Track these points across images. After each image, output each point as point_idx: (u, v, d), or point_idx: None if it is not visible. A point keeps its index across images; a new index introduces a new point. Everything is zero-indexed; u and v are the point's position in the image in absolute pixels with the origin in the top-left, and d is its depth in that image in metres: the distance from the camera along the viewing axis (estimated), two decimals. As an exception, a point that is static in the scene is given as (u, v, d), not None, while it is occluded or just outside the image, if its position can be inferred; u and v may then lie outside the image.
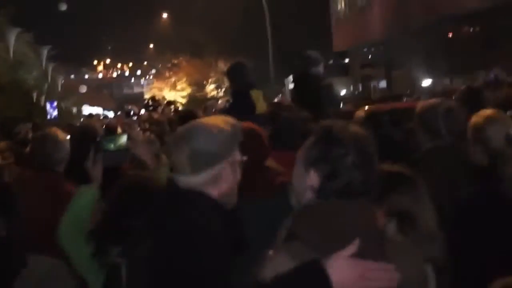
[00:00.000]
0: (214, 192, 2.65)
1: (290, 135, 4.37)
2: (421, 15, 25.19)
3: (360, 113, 11.77)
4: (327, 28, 35.21)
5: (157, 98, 42.04)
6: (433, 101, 4.77)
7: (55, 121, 10.33)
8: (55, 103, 8.05)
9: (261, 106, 6.78)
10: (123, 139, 3.21)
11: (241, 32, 48.49)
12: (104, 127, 11.61)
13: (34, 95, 24.34)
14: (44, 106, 23.24)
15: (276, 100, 32.08)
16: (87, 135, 6.85)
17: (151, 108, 24.40)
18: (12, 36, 21.72)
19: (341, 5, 33.66)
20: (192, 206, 2.57)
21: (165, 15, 72.92)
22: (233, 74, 7.21)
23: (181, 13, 62.93)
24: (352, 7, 31.51)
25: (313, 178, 2.35)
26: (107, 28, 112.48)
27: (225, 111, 7.09)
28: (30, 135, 17.75)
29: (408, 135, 6.48)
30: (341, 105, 12.49)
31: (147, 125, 15.33)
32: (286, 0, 42.89)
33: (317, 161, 2.36)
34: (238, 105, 6.76)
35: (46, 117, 21.92)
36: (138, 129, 8.12)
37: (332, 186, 2.33)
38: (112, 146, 3.20)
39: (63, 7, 41.60)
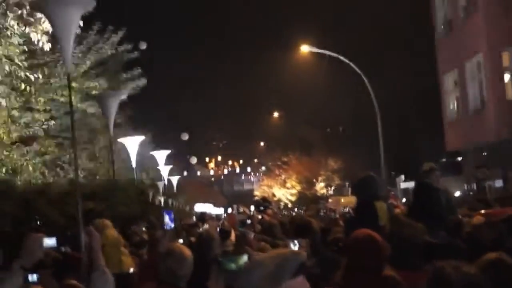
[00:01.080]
0: None
1: (409, 255, 4.33)
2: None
3: (477, 220, 11.51)
4: (440, 127, 34.76)
5: (268, 198, 42.65)
6: None
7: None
8: (172, 215, 8.39)
9: (382, 217, 6.79)
10: (244, 259, 3.30)
11: (350, 131, 48.84)
12: (218, 229, 11.87)
13: (150, 194, 25.19)
14: (159, 206, 23.96)
15: (389, 201, 31.91)
16: (207, 250, 7.08)
17: (262, 208, 24.72)
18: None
19: (453, 105, 33.27)
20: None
21: (276, 114, 74.60)
22: (361, 186, 7.26)
23: (292, 112, 64.32)
24: (464, 108, 31.08)
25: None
26: (219, 125, 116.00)
27: (349, 221, 7.08)
28: (145, 236, 18.42)
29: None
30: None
31: (259, 227, 15.60)
32: (397, 99, 43.07)
33: None
34: (361, 215, 6.78)
35: (162, 220, 22.52)
36: (252, 235, 8.22)
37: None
38: (233, 266, 3.28)
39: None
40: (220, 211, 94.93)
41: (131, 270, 8.18)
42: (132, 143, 8.48)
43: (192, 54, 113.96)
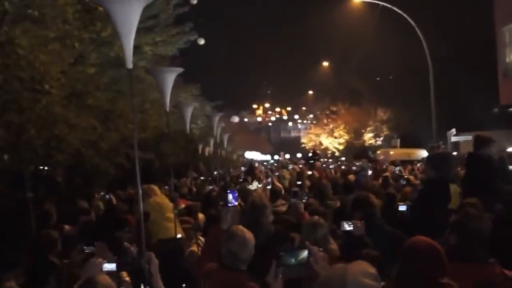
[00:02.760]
0: None
1: (479, 248, 4.19)
2: None
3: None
4: (495, 80, 34.00)
5: (316, 151, 42.60)
6: None
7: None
8: (236, 194, 8.41)
9: (454, 201, 6.61)
10: (304, 254, 3.28)
11: (402, 81, 48.08)
12: (269, 191, 11.86)
13: (200, 146, 25.40)
14: (209, 156, 24.15)
15: (436, 145, 31.44)
16: (259, 216, 7.08)
17: (311, 161, 24.83)
18: (181, 90, 22.97)
19: (509, 58, 32.44)
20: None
21: (325, 63, 73.84)
22: (439, 162, 7.00)
23: (342, 62, 63.65)
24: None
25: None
26: (267, 73, 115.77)
27: (419, 198, 6.85)
28: (194, 188, 18.65)
29: None
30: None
31: (307, 182, 15.63)
32: (450, 49, 42.13)
33: None
34: (434, 195, 6.52)
35: (211, 171, 22.71)
36: (302, 206, 8.13)
37: None
38: (293, 260, 3.27)
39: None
40: (267, 158, 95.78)
41: (179, 235, 8.26)
42: (168, 76, 8.40)
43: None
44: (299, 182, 12.39)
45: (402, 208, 6.98)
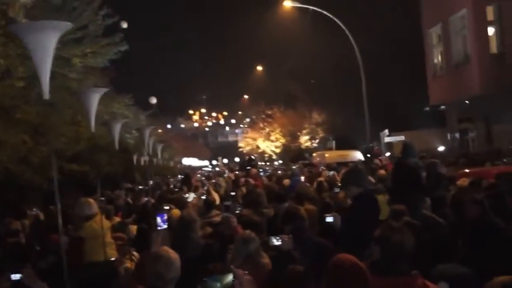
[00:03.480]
0: None
1: (401, 261, 4.26)
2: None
3: (463, 182, 11.62)
4: (425, 81, 34.81)
5: (253, 157, 42.78)
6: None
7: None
8: (165, 216, 8.18)
9: (384, 212, 6.69)
10: (229, 278, 3.28)
11: (335, 84, 48.70)
12: (203, 201, 11.88)
13: (135, 157, 25.16)
14: (144, 165, 23.96)
15: (371, 148, 31.99)
16: (188, 231, 7.06)
17: (248, 168, 24.87)
18: (113, 101, 22.74)
19: (437, 59, 33.26)
20: None
21: (259, 68, 74.26)
22: (358, 177, 6.96)
23: (276, 66, 64.10)
24: (448, 61, 31.09)
25: None
26: (203, 78, 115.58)
27: (349, 211, 6.91)
28: (129, 200, 18.45)
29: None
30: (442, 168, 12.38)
31: (244, 190, 15.66)
32: (380, 51, 42.93)
33: None
34: (363, 208, 6.58)
35: (146, 179, 22.50)
36: (235, 221, 8.13)
37: None
38: (218, 285, 3.27)
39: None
40: (205, 163, 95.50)
41: (113, 258, 8.17)
42: (92, 97, 8.24)
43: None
44: (233, 193, 12.37)
45: (329, 219, 7.05)
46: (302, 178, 15.69)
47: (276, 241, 5.60)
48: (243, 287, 3.25)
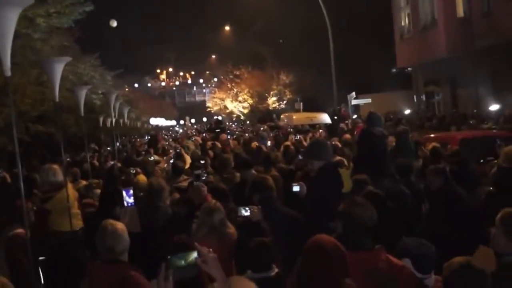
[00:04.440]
0: None
1: (363, 235, 4.35)
2: (486, 35, 24.84)
3: (428, 147, 11.77)
4: (391, 43, 34.93)
5: (222, 115, 42.61)
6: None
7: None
8: (131, 191, 8.10)
9: (347, 185, 6.71)
10: (193, 255, 3.28)
11: (303, 45, 48.57)
12: (171, 165, 11.83)
13: (101, 118, 24.93)
14: (111, 127, 23.78)
15: (339, 110, 32.08)
16: (156, 200, 7.04)
17: (217, 130, 24.78)
18: (79, 61, 22.42)
19: (404, 22, 33.32)
20: None
21: (227, 28, 73.70)
22: (321, 149, 6.93)
23: (243, 25, 63.58)
24: (415, 24, 31.19)
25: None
26: (170, 38, 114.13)
27: (309, 184, 6.93)
28: (95, 162, 18.29)
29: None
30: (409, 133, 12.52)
31: (211, 153, 15.65)
32: (348, 13, 42.88)
33: None
34: (326, 180, 6.63)
35: (112, 140, 22.34)
36: (205, 188, 8.10)
37: None
38: (182, 262, 3.26)
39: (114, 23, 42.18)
40: (172, 123, 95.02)
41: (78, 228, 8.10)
42: (57, 67, 8.03)
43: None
44: (202, 161, 12.33)
45: (296, 188, 7.06)
46: (269, 142, 15.70)
47: (245, 212, 5.63)
48: (207, 265, 3.25)
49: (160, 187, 7.31)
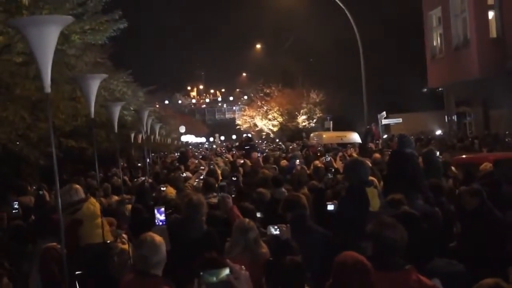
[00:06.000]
0: None
1: (394, 255, 4.37)
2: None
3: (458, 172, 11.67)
4: (423, 63, 34.78)
5: (252, 133, 42.62)
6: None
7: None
8: (162, 209, 8.17)
9: (375, 203, 6.75)
10: (225, 272, 3.28)
11: (333, 64, 48.54)
12: (202, 182, 11.87)
13: (132, 134, 25.17)
14: (141, 144, 23.97)
15: (368, 128, 31.89)
16: (195, 214, 7.07)
17: (247, 147, 24.72)
18: (112, 78, 22.61)
19: (436, 42, 33.21)
20: None
21: (258, 46, 74.07)
22: (350, 170, 7.08)
23: (275, 43, 63.82)
24: (447, 44, 31.04)
25: None
26: (201, 55, 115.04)
27: (339, 203, 6.97)
28: (126, 178, 18.40)
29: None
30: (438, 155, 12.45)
31: (241, 170, 15.68)
32: (380, 32, 42.80)
33: None
34: (353, 199, 6.68)
35: (143, 156, 22.51)
36: (230, 200, 8.11)
37: None
38: (214, 279, 3.28)
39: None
40: (202, 140, 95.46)
41: (109, 241, 8.13)
42: (92, 83, 8.10)
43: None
44: (234, 178, 12.37)
45: (330, 207, 7.08)
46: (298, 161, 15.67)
47: (274, 231, 5.62)
48: (239, 282, 3.26)
49: (199, 202, 7.37)
